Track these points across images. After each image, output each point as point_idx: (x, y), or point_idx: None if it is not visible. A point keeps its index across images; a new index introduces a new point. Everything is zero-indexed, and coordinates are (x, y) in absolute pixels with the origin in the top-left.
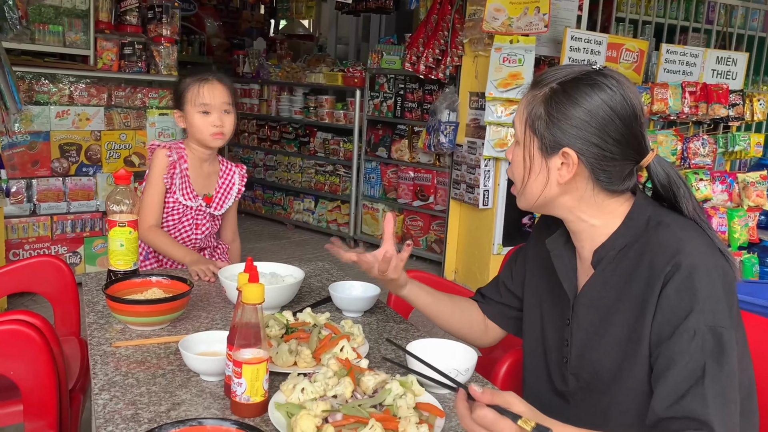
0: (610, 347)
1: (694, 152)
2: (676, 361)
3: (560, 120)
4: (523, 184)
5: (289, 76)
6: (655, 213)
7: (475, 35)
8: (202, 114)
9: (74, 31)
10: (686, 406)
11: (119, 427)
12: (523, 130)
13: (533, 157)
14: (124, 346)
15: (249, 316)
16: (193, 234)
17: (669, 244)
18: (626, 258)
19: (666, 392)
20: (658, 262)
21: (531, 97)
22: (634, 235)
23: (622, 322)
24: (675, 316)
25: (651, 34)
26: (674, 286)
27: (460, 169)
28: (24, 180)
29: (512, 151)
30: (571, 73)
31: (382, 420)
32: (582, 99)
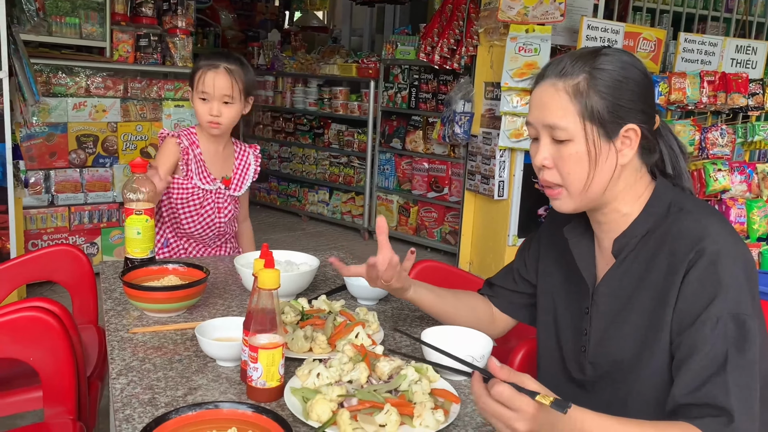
0: (629, 336)
1: (712, 142)
2: (698, 349)
3: (617, 98)
4: (587, 180)
5: (303, 68)
6: (676, 198)
7: (491, 25)
8: (202, 101)
9: (90, 23)
10: (707, 393)
11: (137, 410)
12: (581, 123)
13: (599, 146)
14: (141, 333)
15: (265, 301)
16: (216, 218)
17: (691, 230)
18: (647, 245)
19: (687, 379)
20: (680, 248)
21: (568, 88)
22: (655, 222)
23: (642, 309)
24: (697, 304)
25: (669, 23)
26: (697, 273)
27: (475, 160)
28: (42, 171)
29: (551, 154)
30: (587, 53)
31: (397, 405)
32: (622, 69)
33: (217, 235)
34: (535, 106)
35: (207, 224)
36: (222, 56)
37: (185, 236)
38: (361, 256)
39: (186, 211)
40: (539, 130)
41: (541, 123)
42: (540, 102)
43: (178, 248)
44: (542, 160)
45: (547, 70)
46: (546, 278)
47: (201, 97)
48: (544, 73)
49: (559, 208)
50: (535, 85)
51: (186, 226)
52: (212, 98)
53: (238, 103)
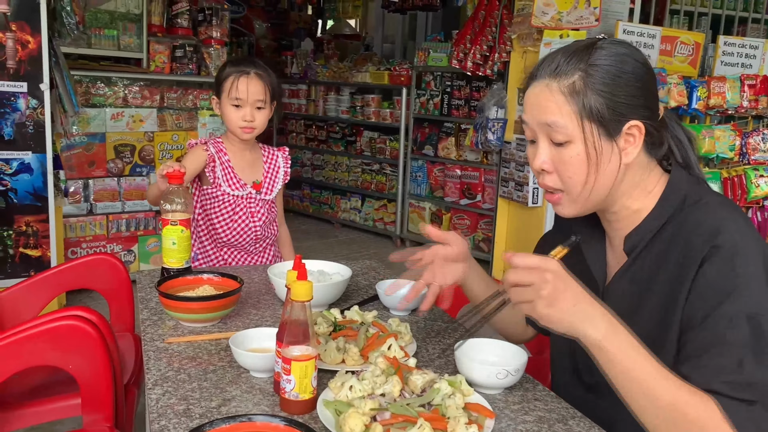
0: (641, 333)
1: (753, 147)
2: (711, 347)
3: (615, 94)
4: (589, 184)
5: (336, 76)
6: (692, 191)
7: (524, 30)
8: (235, 107)
9: (128, 34)
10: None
11: (171, 421)
12: (579, 124)
13: (600, 147)
14: (176, 342)
15: (297, 313)
16: (251, 223)
17: (708, 223)
18: (660, 239)
19: (698, 377)
20: (695, 241)
21: (563, 87)
22: (670, 215)
23: (654, 306)
24: (711, 300)
25: (707, 25)
26: (712, 267)
27: (509, 167)
28: (81, 180)
29: (551, 158)
30: (580, 49)
31: (430, 420)
32: (620, 64)
33: (255, 240)
34: (530, 106)
35: (243, 230)
36: (249, 62)
37: (224, 245)
38: (393, 264)
39: (220, 219)
40: (536, 130)
41: (537, 121)
42: (535, 102)
43: (217, 258)
44: (541, 164)
45: (539, 69)
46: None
47: (234, 103)
48: (536, 73)
49: (561, 214)
50: (527, 85)
51: (222, 234)
52: (245, 104)
53: (269, 108)
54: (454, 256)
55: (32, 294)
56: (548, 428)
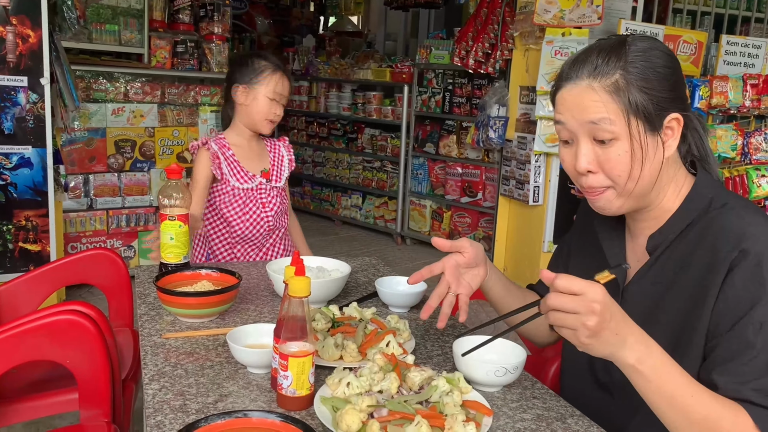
0: (661, 336)
1: (755, 147)
2: (739, 354)
3: (659, 90)
4: (638, 179)
5: (337, 73)
6: (719, 194)
7: (526, 28)
8: (270, 100)
9: (129, 30)
10: (748, 396)
11: (168, 417)
12: (625, 121)
13: (646, 142)
14: (173, 338)
15: (295, 309)
16: (264, 213)
17: (734, 228)
18: (684, 241)
19: (725, 382)
20: (722, 246)
21: (607, 86)
22: (695, 217)
23: (676, 309)
24: (739, 306)
25: (710, 25)
26: (741, 274)
27: (510, 165)
28: (81, 175)
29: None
30: (616, 45)
31: (428, 417)
32: (657, 59)
33: (269, 232)
34: (571, 106)
35: (256, 221)
36: (279, 58)
37: (237, 243)
38: (393, 260)
39: (233, 213)
40: (577, 131)
41: (581, 123)
42: (577, 104)
43: (230, 256)
44: (587, 165)
45: (574, 70)
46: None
47: (272, 97)
48: (571, 75)
49: (603, 209)
50: (559, 87)
51: (237, 229)
52: (281, 100)
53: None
54: (468, 263)
55: (31, 288)
56: (546, 426)
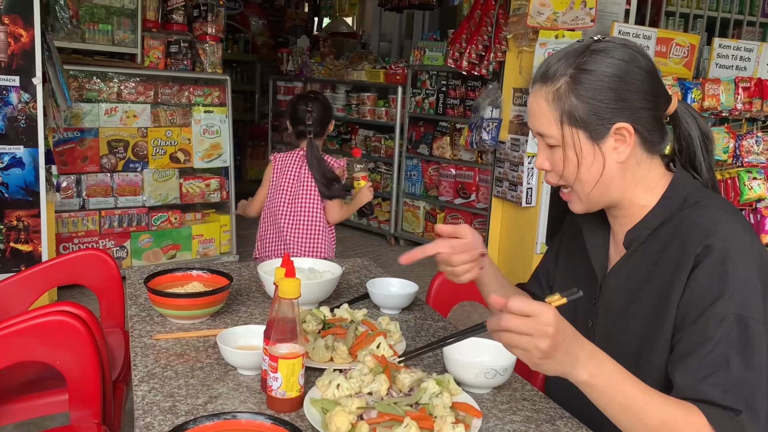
0: (633, 330)
1: (747, 150)
2: (700, 346)
3: (600, 100)
4: (579, 180)
5: (331, 74)
6: (694, 192)
7: (520, 30)
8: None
9: (123, 29)
10: (706, 392)
11: (157, 418)
12: (560, 129)
13: (581, 150)
14: (164, 339)
15: (285, 310)
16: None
17: (703, 225)
18: (657, 238)
19: (686, 376)
20: (689, 242)
21: (549, 94)
22: (669, 214)
23: (647, 303)
24: (702, 300)
25: (703, 28)
26: (705, 268)
27: (503, 167)
28: (74, 175)
29: (547, 158)
30: (574, 52)
31: (417, 419)
32: (607, 68)
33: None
34: (528, 112)
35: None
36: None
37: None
38: (386, 262)
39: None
40: (535, 134)
41: (534, 132)
42: (530, 109)
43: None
44: (541, 164)
45: (536, 74)
46: (566, 274)
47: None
48: (534, 78)
49: (573, 210)
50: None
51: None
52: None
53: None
54: (464, 248)
55: (22, 289)
56: (536, 428)
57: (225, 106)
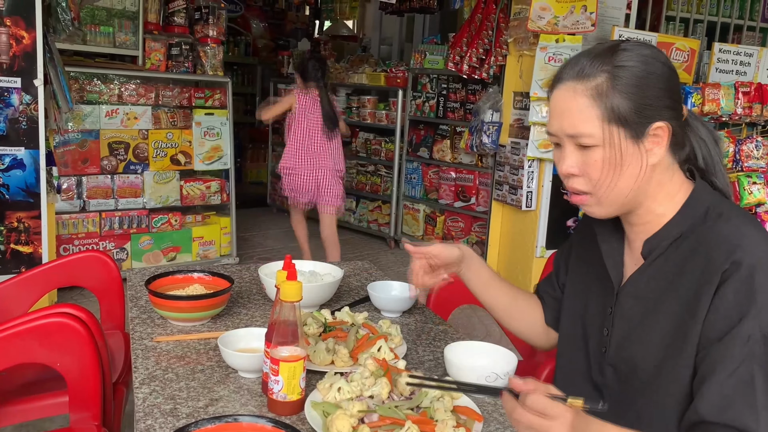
0: (654, 342)
1: (747, 155)
2: (725, 366)
3: (642, 96)
4: (616, 186)
5: (332, 77)
6: (715, 204)
7: (520, 34)
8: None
9: (124, 32)
10: (732, 416)
11: (158, 421)
12: (603, 127)
13: (624, 150)
14: (164, 341)
15: (287, 313)
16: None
17: (729, 239)
18: (680, 249)
19: (712, 396)
20: (715, 257)
21: (588, 90)
22: (690, 225)
23: (668, 316)
24: (729, 318)
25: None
26: (732, 285)
27: (503, 170)
28: (75, 177)
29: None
30: (605, 51)
31: (418, 422)
32: (644, 65)
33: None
34: (555, 113)
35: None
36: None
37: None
38: (386, 264)
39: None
40: (561, 136)
41: (563, 133)
42: (559, 108)
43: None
44: (568, 168)
45: (563, 72)
46: (578, 279)
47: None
48: (561, 76)
49: (591, 214)
50: (552, 89)
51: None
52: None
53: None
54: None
55: (22, 290)
56: None
57: (226, 108)
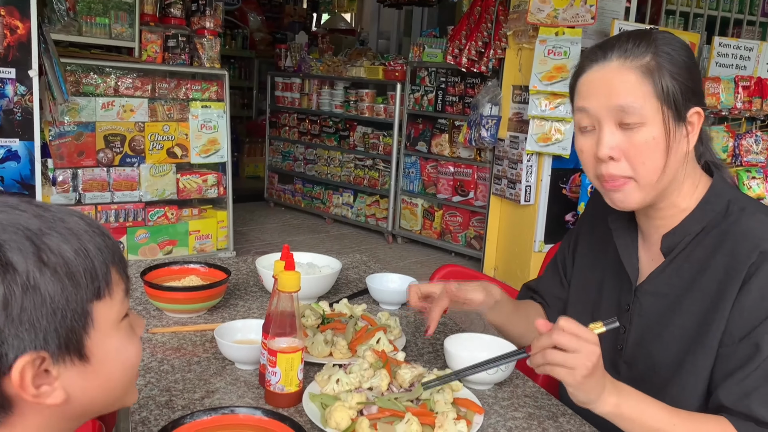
0: (673, 338)
1: (746, 149)
2: (749, 361)
3: (686, 78)
4: (662, 169)
5: (330, 70)
6: (736, 198)
7: (520, 27)
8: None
9: (120, 23)
10: (751, 405)
11: (153, 413)
12: (657, 105)
13: (673, 131)
14: (160, 333)
15: (285, 304)
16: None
17: (755, 232)
18: (702, 245)
19: (734, 386)
20: (741, 251)
21: (638, 68)
22: (712, 220)
23: (691, 313)
24: (756, 313)
25: (702, 27)
26: (759, 279)
27: (502, 164)
28: (70, 170)
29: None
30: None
31: (418, 414)
32: (681, 50)
33: None
34: (597, 90)
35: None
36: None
37: None
38: (384, 259)
39: None
40: (602, 116)
41: (607, 107)
42: (604, 84)
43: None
44: (609, 151)
45: (601, 54)
46: (587, 271)
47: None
48: (598, 56)
49: (623, 203)
50: (583, 71)
51: None
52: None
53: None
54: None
55: None
56: (538, 425)
57: (223, 101)
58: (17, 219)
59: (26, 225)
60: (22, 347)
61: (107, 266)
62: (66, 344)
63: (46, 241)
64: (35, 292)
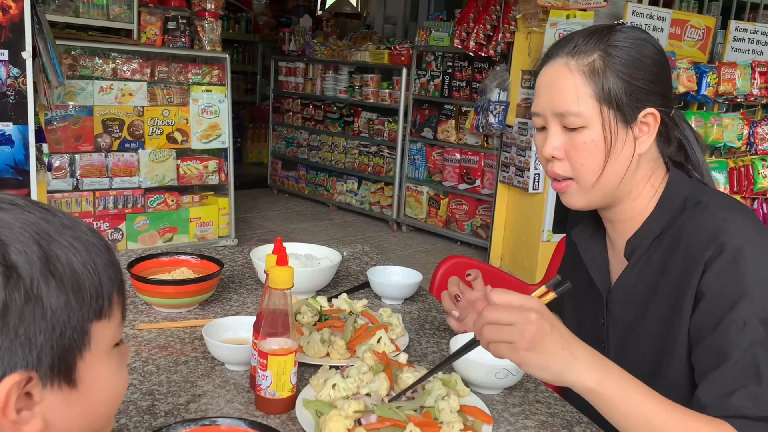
0: (646, 345)
1: (761, 137)
2: (726, 356)
3: (636, 78)
4: (601, 171)
5: (334, 55)
6: (693, 192)
7: (529, 10)
8: None
9: (118, 4)
10: (737, 406)
11: (133, 419)
12: (597, 107)
13: (616, 132)
14: (147, 329)
15: (277, 302)
16: None
17: (708, 225)
18: (661, 245)
19: (715, 388)
20: (695, 246)
21: (582, 67)
22: (670, 219)
23: (657, 316)
24: (719, 306)
25: (718, 10)
26: (716, 271)
27: (510, 152)
28: (67, 155)
29: (563, 144)
30: (599, 30)
31: (421, 424)
32: (640, 48)
33: None
34: (543, 90)
35: None
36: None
37: None
38: (388, 248)
39: None
40: (548, 117)
41: (550, 111)
42: (549, 85)
43: None
44: (552, 151)
45: (555, 49)
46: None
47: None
48: (552, 53)
49: (569, 204)
50: (541, 67)
51: None
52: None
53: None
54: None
55: None
56: None
57: (224, 85)
58: (26, 219)
59: (35, 228)
60: (13, 363)
61: (112, 285)
62: (58, 365)
63: (54, 248)
64: (37, 303)
